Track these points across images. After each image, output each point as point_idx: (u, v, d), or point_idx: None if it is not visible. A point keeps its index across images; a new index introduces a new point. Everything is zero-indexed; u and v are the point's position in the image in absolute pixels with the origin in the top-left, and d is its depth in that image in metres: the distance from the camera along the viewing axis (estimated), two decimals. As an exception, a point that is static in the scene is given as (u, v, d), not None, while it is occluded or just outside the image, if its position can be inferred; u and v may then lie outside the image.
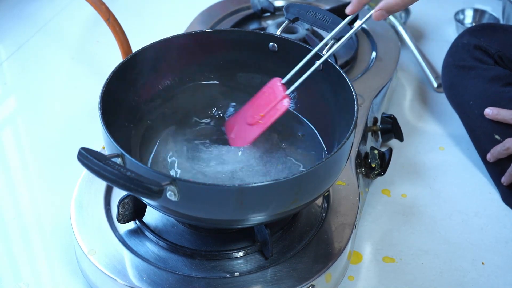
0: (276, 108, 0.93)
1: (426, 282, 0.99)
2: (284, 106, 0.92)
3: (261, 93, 0.96)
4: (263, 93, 0.95)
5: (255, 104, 0.96)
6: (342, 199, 1.00)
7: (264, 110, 0.93)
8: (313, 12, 0.98)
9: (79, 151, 0.74)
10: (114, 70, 0.91)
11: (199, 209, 0.80)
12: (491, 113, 1.12)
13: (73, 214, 0.96)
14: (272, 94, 0.94)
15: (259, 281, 0.88)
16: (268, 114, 0.93)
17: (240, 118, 0.97)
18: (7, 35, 1.49)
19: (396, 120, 1.17)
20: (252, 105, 0.96)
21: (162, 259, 0.90)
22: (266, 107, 0.94)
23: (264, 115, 0.93)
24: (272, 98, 0.94)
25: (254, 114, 0.94)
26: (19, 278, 0.97)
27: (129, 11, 1.57)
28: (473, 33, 1.24)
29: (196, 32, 1.01)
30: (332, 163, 0.83)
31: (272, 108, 0.93)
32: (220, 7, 1.43)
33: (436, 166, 1.20)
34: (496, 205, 1.12)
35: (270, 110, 0.93)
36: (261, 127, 0.93)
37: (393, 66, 1.28)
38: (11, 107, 1.33)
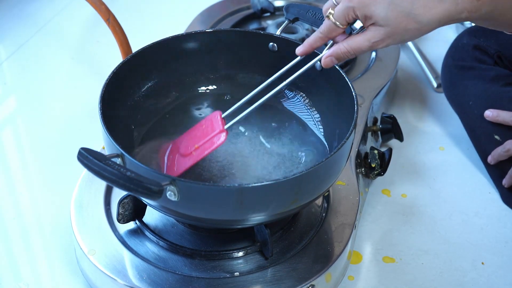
0: (212, 141, 0.90)
1: (426, 282, 0.99)
2: (221, 140, 0.89)
3: (200, 124, 0.93)
4: (202, 125, 0.93)
5: (191, 135, 0.93)
6: (342, 199, 1.00)
7: (199, 142, 0.91)
8: (313, 12, 0.98)
9: (79, 151, 0.74)
10: (114, 70, 0.91)
11: (199, 209, 0.80)
12: (491, 115, 1.12)
13: (73, 214, 0.96)
14: (210, 127, 0.91)
15: (259, 281, 0.88)
16: (202, 146, 0.90)
17: (175, 148, 0.94)
18: (7, 35, 1.49)
19: (396, 120, 1.17)
20: (189, 136, 0.93)
21: (162, 259, 0.90)
22: (201, 139, 0.91)
23: (199, 147, 0.90)
24: (210, 131, 0.91)
25: (189, 145, 0.92)
26: (19, 278, 0.97)
27: (129, 11, 1.57)
28: (473, 33, 1.24)
29: (196, 32, 1.01)
30: (332, 163, 0.83)
31: (208, 140, 0.90)
32: (220, 7, 1.43)
33: (436, 166, 1.20)
34: (496, 205, 1.12)
35: (206, 142, 0.90)
36: (193, 159, 0.90)
37: (393, 66, 1.28)
38: (11, 107, 1.33)
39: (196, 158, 0.90)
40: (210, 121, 0.92)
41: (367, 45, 0.81)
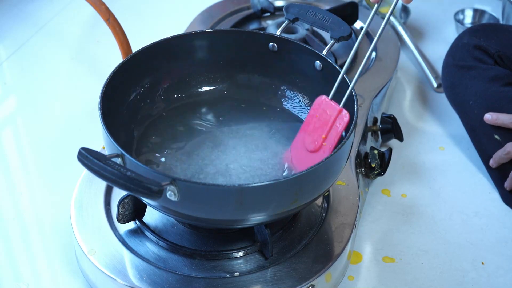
0: (335, 125, 0.88)
1: (426, 282, 0.99)
2: (344, 120, 0.87)
3: (312, 116, 0.91)
4: (314, 115, 0.91)
5: (310, 129, 0.91)
6: (342, 199, 1.00)
7: (324, 132, 0.89)
8: (313, 12, 0.98)
9: (79, 151, 0.74)
10: (114, 70, 0.91)
11: (199, 209, 0.80)
12: (491, 118, 1.13)
13: (73, 214, 0.96)
14: (325, 113, 0.89)
15: (259, 281, 0.88)
16: (330, 134, 0.88)
17: (299, 147, 0.92)
18: (7, 35, 1.49)
19: (396, 120, 1.17)
20: (308, 131, 0.91)
21: (162, 259, 0.90)
22: (324, 128, 0.89)
23: (326, 136, 0.88)
24: (327, 117, 0.89)
25: (314, 139, 0.89)
26: (19, 278, 0.97)
27: (129, 11, 1.57)
28: (473, 33, 1.24)
29: (196, 32, 1.01)
30: (332, 163, 0.83)
31: (331, 127, 0.88)
32: (220, 7, 1.43)
33: (436, 166, 1.20)
34: (496, 205, 1.12)
35: (330, 129, 0.88)
36: (329, 148, 0.88)
37: (393, 66, 1.28)
38: (11, 107, 1.33)
39: (331, 147, 0.88)
40: (321, 108, 0.90)
41: None
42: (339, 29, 0.96)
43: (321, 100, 0.92)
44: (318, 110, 0.91)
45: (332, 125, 0.89)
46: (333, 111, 0.89)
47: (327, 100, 0.91)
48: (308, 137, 0.91)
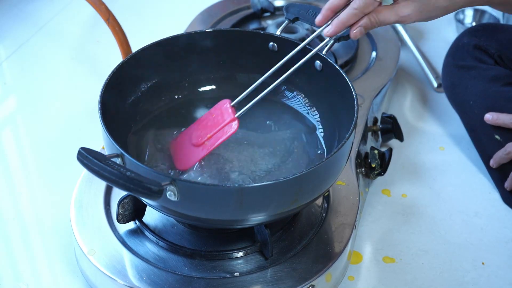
0: (223, 130, 0.90)
1: (426, 282, 0.99)
2: (233, 128, 0.90)
3: (209, 113, 0.93)
4: (211, 114, 0.93)
5: (201, 125, 0.93)
6: (342, 199, 1.00)
7: (211, 132, 0.91)
8: (313, 12, 0.98)
9: (79, 151, 0.74)
10: (114, 70, 0.91)
11: (199, 209, 0.80)
12: (491, 118, 1.12)
13: (73, 214, 0.96)
14: (220, 116, 0.91)
15: (259, 281, 0.88)
16: (215, 136, 0.91)
17: (186, 138, 0.94)
18: (7, 35, 1.49)
19: (396, 120, 1.17)
20: (199, 126, 0.94)
21: (162, 259, 0.90)
22: (213, 128, 0.91)
23: (211, 136, 0.91)
24: (220, 120, 0.91)
25: (200, 135, 0.92)
26: (19, 278, 0.97)
27: (129, 11, 1.57)
28: (473, 33, 1.24)
29: (196, 32, 1.01)
30: (332, 163, 0.83)
31: (219, 130, 0.91)
32: (220, 7, 1.43)
33: (436, 166, 1.20)
34: (496, 205, 1.12)
35: (217, 132, 0.91)
36: (207, 149, 0.90)
37: (393, 66, 1.28)
38: (11, 107, 1.33)
39: (209, 147, 0.90)
40: (220, 110, 0.92)
41: (394, 18, 0.83)
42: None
43: (223, 103, 0.93)
44: (217, 111, 0.93)
45: (221, 128, 0.91)
46: (228, 117, 0.91)
47: (228, 105, 0.92)
48: (197, 131, 0.93)
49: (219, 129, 0.91)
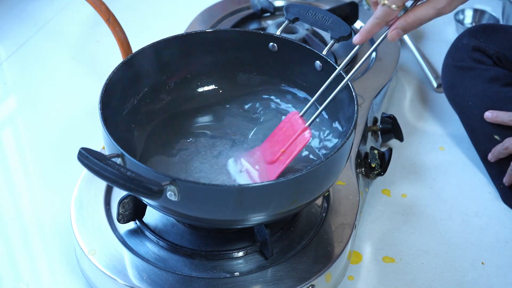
0: (296, 142, 0.89)
1: (426, 282, 0.99)
2: (306, 138, 0.89)
3: (279, 128, 0.92)
4: (281, 128, 0.92)
5: (273, 141, 0.92)
6: (342, 199, 1.00)
7: (284, 146, 0.90)
8: (313, 12, 0.98)
9: (79, 151, 0.74)
10: (114, 70, 0.91)
11: (199, 209, 0.80)
12: (491, 116, 1.13)
13: (73, 214, 0.96)
14: (291, 128, 0.90)
15: (259, 281, 0.88)
16: (288, 149, 0.89)
17: (260, 156, 0.93)
18: (7, 35, 1.49)
19: (396, 120, 1.17)
20: (271, 142, 0.92)
21: (162, 259, 0.90)
22: (285, 142, 0.90)
23: (285, 150, 0.90)
24: (292, 133, 0.90)
25: (274, 151, 0.91)
26: (19, 278, 0.97)
27: (129, 11, 1.57)
28: (473, 33, 1.24)
29: (196, 32, 1.01)
30: (332, 163, 0.83)
31: (292, 142, 0.90)
32: (220, 7, 1.43)
33: (436, 166, 1.20)
34: (496, 205, 1.12)
35: (290, 145, 0.90)
36: (283, 163, 0.89)
37: (393, 66, 1.28)
38: (11, 107, 1.33)
39: (285, 161, 0.89)
40: (290, 123, 0.92)
41: (432, 13, 0.81)
42: (339, 29, 0.96)
43: (291, 115, 0.92)
44: (286, 124, 0.92)
45: (293, 141, 0.90)
46: (299, 128, 0.90)
47: (297, 116, 0.91)
48: (270, 148, 0.92)
49: (292, 141, 0.90)
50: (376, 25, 0.84)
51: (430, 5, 0.81)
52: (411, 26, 0.83)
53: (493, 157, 1.12)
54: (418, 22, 0.82)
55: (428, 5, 0.81)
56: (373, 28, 0.85)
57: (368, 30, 0.86)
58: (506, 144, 1.09)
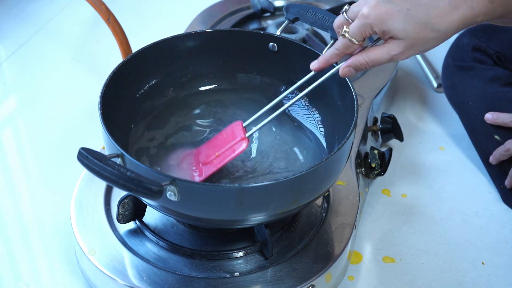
0: (232, 148, 0.91)
1: (426, 282, 0.99)
2: (241, 147, 0.90)
3: (221, 134, 0.94)
4: (222, 134, 0.94)
5: (212, 145, 0.94)
6: (342, 199, 1.00)
7: (220, 150, 0.92)
8: (313, 12, 0.98)
9: (79, 151, 0.74)
10: (114, 70, 0.91)
11: (199, 209, 0.80)
12: (491, 117, 1.13)
13: (73, 214, 0.96)
14: (231, 135, 0.92)
15: (259, 281, 0.88)
16: (223, 154, 0.91)
17: (196, 157, 0.95)
18: (7, 35, 1.49)
19: (396, 120, 1.17)
20: (209, 145, 0.95)
21: (162, 259, 0.90)
22: (222, 147, 0.92)
23: (219, 155, 0.92)
24: (230, 139, 0.92)
25: (210, 154, 0.93)
26: (19, 278, 0.97)
27: (129, 11, 1.57)
28: (473, 33, 1.24)
29: (196, 32, 1.01)
30: (332, 163, 0.83)
31: (228, 148, 0.92)
32: (220, 7, 1.43)
33: (436, 166, 1.20)
34: (496, 205, 1.12)
35: (226, 150, 0.92)
36: (214, 166, 0.91)
37: (393, 66, 1.28)
38: (11, 107, 1.33)
39: (217, 165, 0.91)
40: (231, 130, 0.93)
41: (386, 57, 0.80)
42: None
43: (235, 124, 0.93)
44: (228, 131, 0.93)
45: (230, 147, 0.91)
46: (238, 136, 0.91)
47: (240, 126, 0.92)
48: (207, 150, 0.94)
49: (228, 147, 0.91)
50: (335, 55, 0.85)
51: (385, 49, 0.80)
52: (363, 65, 0.82)
53: (494, 159, 1.12)
54: (371, 63, 0.82)
55: (383, 49, 0.80)
56: (331, 58, 0.85)
57: (326, 60, 0.86)
58: (507, 146, 1.09)
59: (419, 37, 0.78)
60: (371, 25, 0.79)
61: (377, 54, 0.81)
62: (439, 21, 0.77)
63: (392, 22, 0.77)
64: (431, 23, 0.77)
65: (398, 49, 0.79)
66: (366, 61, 0.82)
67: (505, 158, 1.11)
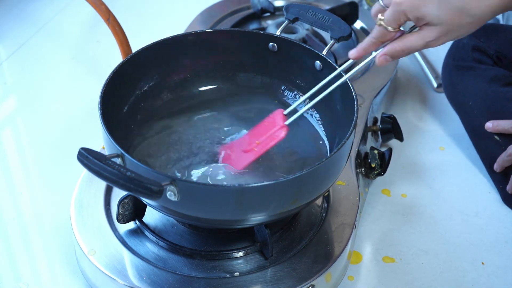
0: (272, 136, 0.92)
1: (426, 282, 0.99)
2: (281, 135, 0.91)
3: (262, 122, 0.95)
4: (264, 122, 0.95)
5: (254, 133, 0.95)
6: (342, 199, 1.00)
7: (261, 138, 0.93)
8: (313, 12, 0.98)
9: (79, 151, 0.74)
10: (114, 70, 0.91)
11: (199, 209, 0.80)
12: (492, 126, 1.12)
13: (73, 214, 0.96)
14: (272, 124, 0.93)
15: (259, 281, 0.88)
16: (263, 142, 0.92)
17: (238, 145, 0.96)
18: (7, 35, 1.49)
19: (396, 120, 1.17)
20: (252, 134, 0.95)
21: (162, 259, 0.90)
22: (263, 135, 0.93)
23: (260, 142, 0.92)
24: (271, 127, 0.93)
25: (251, 141, 0.94)
26: (19, 278, 0.97)
27: (129, 11, 1.57)
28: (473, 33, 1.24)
29: (196, 32, 1.01)
30: (332, 163, 0.83)
31: (268, 136, 0.92)
32: (220, 7, 1.43)
33: (436, 166, 1.20)
34: (496, 205, 1.12)
35: (267, 138, 0.92)
36: (255, 154, 0.92)
37: (393, 66, 1.28)
38: (11, 107, 1.33)
39: (258, 152, 0.92)
40: (273, 119, 0.94)
41: (421, 44, 0.80)
42: (339, 29, 0.96)
43: (277, 112, 0.94)
44: (270, 119, 0.94)
45: (270, 135, 0.92)
46: (278, 124, 0.92)
47: (281, 113, 0.93)
48: (249, 138, 0.95)
49: (268, 135, 0.92)
50: (372, 44, 0.85)
51: (420, 36, 0.80)
52: (399, 53, 0.82)
53: (498, 166, 1.12)
54: (406, 50, 0.81)
55: (418, 36, 0.80)
56: (369, 47, 0.85)
57: (364, 48, 0.86)
58: (510, 151, 1.09)
59: (454, 22, 0.77)
60: (405, 11, 0.78)
61: (412, 41, 0.80)
62: (475, 6, 0.76)
63: (426, 8, 0.77)
64: (467, 8, 0.76)
65: (433, 35, 0.79)
66: (402, 48, 0.81)
67: (508, 164, 1.11)
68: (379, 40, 0.83)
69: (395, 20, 0.80)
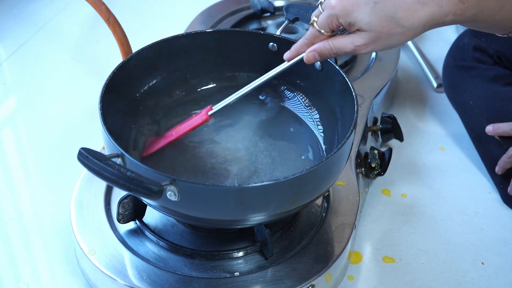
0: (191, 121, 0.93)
1: (426, 282, 0.99)
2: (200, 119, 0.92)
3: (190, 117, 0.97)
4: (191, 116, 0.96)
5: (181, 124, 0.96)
6: (342, 199, 1.00)
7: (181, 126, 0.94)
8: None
9: (79, 151, 0.74)
10: (114, 70, 0.91)
11: (199, 209, 0.80)
12: (492, 129, 1.12)
13: (73, 214, 0.96)
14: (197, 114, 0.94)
15: (259, 281, 0.88)
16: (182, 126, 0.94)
17: None
18: (7, 35, 1.49)
19: (396, 120, 1.17)
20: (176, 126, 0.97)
21: (162, 259, 0.90)
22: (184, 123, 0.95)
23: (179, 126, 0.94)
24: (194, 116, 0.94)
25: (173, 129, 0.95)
26: (19, 278, 0.97)
27: (129, 11, 1.57)
28: (473, 33, 1.24)
29: (196, 32, 1.01)
30: (332, 163, 0.83)
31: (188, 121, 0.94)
32: (220, 7, 1.43)
33: (436, 166, 1.20)
34: (496, 205, 1.12)
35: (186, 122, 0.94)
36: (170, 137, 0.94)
37: (393, 66, 1.28)
38: (11, 107, 1.33)
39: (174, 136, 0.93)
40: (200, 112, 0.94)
41: (350, 47, 0.81)
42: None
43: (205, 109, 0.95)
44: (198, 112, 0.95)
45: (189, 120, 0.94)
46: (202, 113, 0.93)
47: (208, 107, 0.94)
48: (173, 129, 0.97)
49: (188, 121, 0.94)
50: (305, 45, 0.86)
51: (350, 39, 0.80)
52: (328, 51, 0.83)
53: (500, 169, 1.12)
54: (335, 50, 0.82)
55: (348, 39, 0.81)
56: (301, 48, 0.87)
57: (297, 49, 0.87)
58: (510, 153, 1.09)
59: (384, 31, 0.78)
60: (337, 15, 0.79)
61: (342, 43, 0.81)
62: (406, 16, 0.77)
63: (358, 14, 0.78)
64: (397, 18, 0.77)
65: (362, 40, 0.79)
66: (331, 48, 0.82)
67: (510, 166, 1.10)
68: (311, 42, 0.85)
69: (328, 23, 0.81)
